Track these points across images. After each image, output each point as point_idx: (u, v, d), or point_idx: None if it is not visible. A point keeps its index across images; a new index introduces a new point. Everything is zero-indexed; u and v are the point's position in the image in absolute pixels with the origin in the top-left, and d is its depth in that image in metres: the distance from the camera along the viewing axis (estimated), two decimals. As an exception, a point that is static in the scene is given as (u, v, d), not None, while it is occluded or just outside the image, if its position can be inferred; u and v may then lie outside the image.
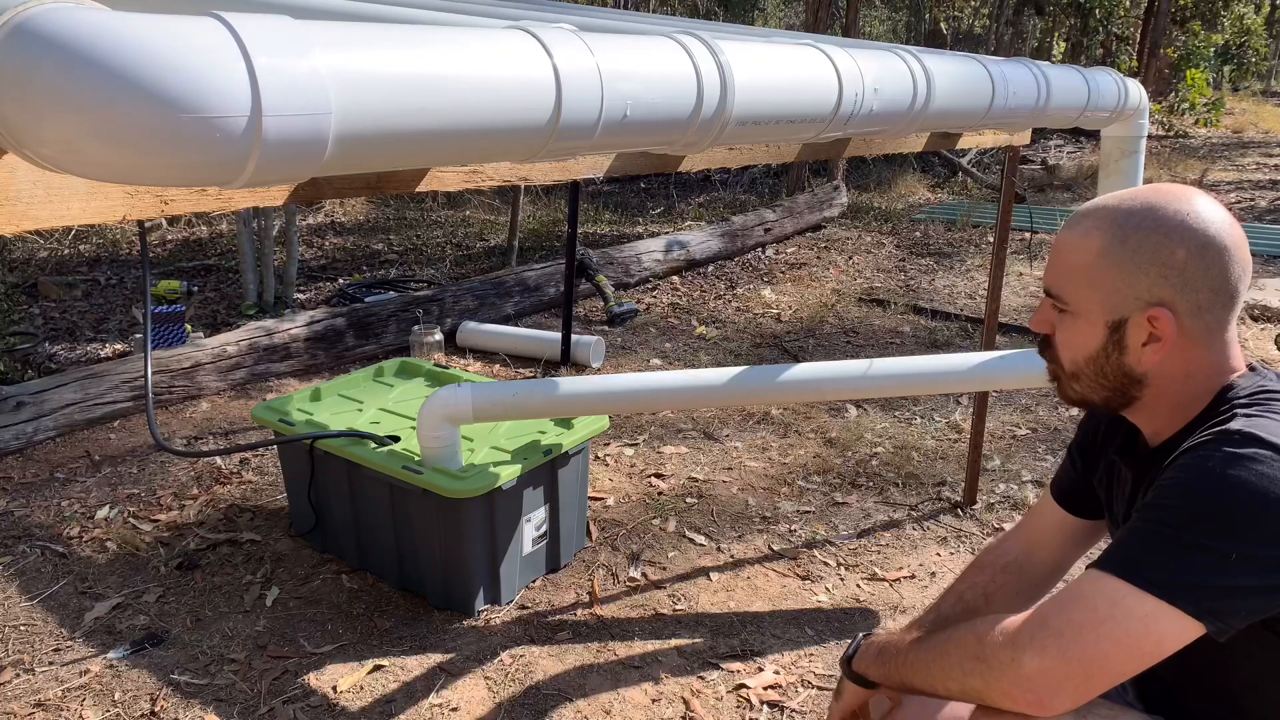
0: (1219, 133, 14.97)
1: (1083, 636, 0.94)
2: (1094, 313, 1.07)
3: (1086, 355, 1.09)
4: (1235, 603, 0.92)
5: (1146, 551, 0.95)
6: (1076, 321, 1.09)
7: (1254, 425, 0.96)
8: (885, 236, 7.57)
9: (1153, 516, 0.97)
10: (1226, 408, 1.03)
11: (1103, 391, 1.11)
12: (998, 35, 18.12)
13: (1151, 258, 1.02)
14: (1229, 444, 0.95)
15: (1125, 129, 2.66)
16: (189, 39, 0.77)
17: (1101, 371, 1.09)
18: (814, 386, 2.37)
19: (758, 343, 4.93)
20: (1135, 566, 0.95)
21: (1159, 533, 0.95)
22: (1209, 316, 1.03)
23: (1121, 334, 1.06)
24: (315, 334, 4.39)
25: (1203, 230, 1.02)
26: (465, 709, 2.13)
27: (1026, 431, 3.75)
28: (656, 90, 1.21)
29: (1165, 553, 0.94)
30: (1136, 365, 1.07)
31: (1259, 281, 5.89)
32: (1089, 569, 0.99)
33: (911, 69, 1.72)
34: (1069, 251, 1.08)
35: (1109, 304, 1.05)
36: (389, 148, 0.93)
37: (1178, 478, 0.98)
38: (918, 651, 1.12)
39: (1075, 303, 1.08)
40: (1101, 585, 0.96)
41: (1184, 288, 1.02)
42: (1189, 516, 0.94)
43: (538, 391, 2.38)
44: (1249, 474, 0.92)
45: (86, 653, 2.32)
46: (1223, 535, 0.92)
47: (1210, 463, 0.95)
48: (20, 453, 3.39)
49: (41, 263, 6.21)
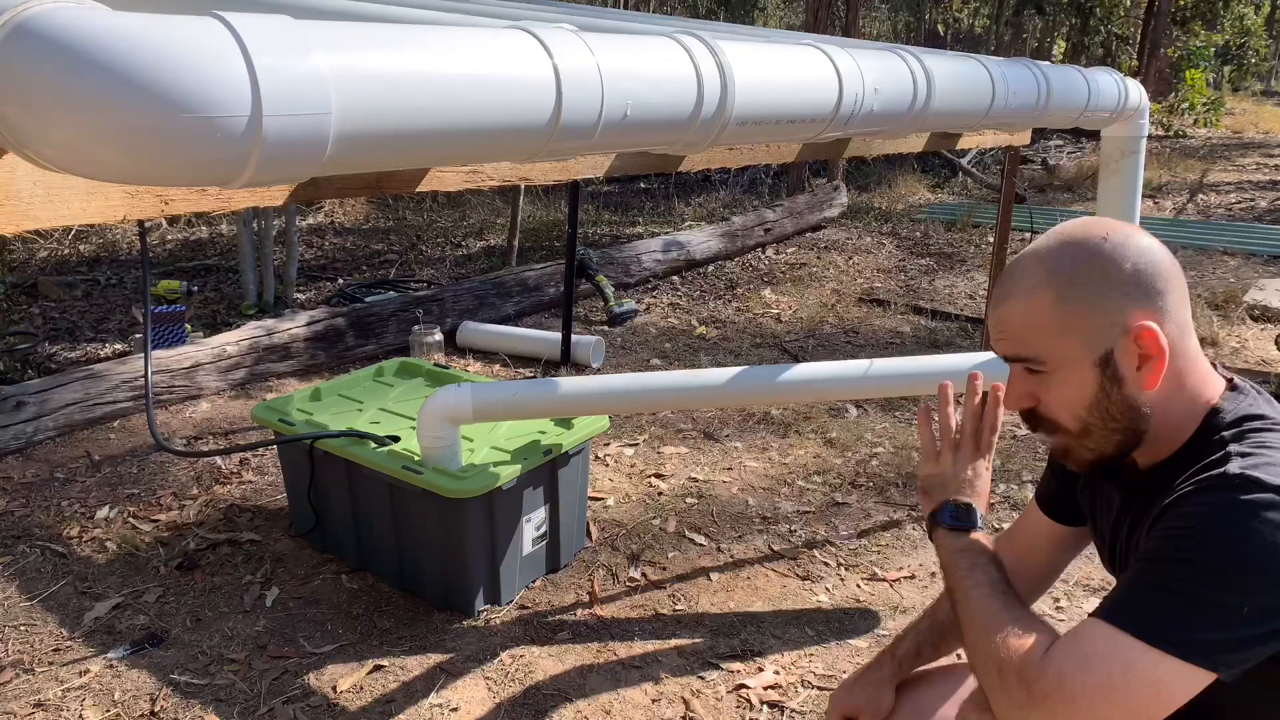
0: (1219, 133, 14.96)
1: (1094, 706, 0.93)
2: (1078, 357, 1.04)
3: (1087, 404, 1.05)
4: (1249, 652, 0.92)
5: (1163, 609, 0.94)
6: (1062, 375, 1.05)
7: (1253, 468, 0.95)
8: (885, 237, 7.57)
9: (1166, 571, 0.95)
10: (1217, 439, 1.02)
11: (1115, 437, 1.06)
12: (998, 35, 18.11)
13: (1104, 283, 1.02)
14: (1233, 490, 0.94)
15: (1125, 129, 2.66)
16: (189, 39, 0.77)
17: (1108, 414, 1.05)
18: (814, 386, 2.37)
19: (758, 343, 4.93)
20: (1150, 626, 0.93)
21: (1175, 590, 0.93)
22: (1180, 317, 1.03)
23: (1113, 367, 1.03)
24: (315, 334, 4.39)
25: (1128, 240, 1.03)
26: (465, 709, 2.13)
27: (1026, 431, 3.75)
28: (657, 90, 1.21)
29: (1182, 613, 0.93)
30: (1138, 392, 1.03)
31: (1259, 282, 5.89)
32: (1098, 619, 0.97)
33: (912, 69, 1.72)
34: (1022, 317, 1.06)
35: (1089, 342, 1.03)
36: (389, 148, 0.93)
37: (1186, 528, 0.96)
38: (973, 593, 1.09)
39: (1053, 358, 1.05)
40: (1117, 646, 0.94)
41: (1148, 295, 1.01)
42: (1204, 571, 0.92)
43: (538, 391, 2.38)
44: (1259, 523, 0.91)
45: (86, 653, 2.32)
46: (1239, 589, 0.91)
47: (1218, 512, 0.94)
48: (20, 453, 3.39)
49: (41, 263, 6.21)
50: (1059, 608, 2.55)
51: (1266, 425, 1.01)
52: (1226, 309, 5.36)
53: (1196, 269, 6.42)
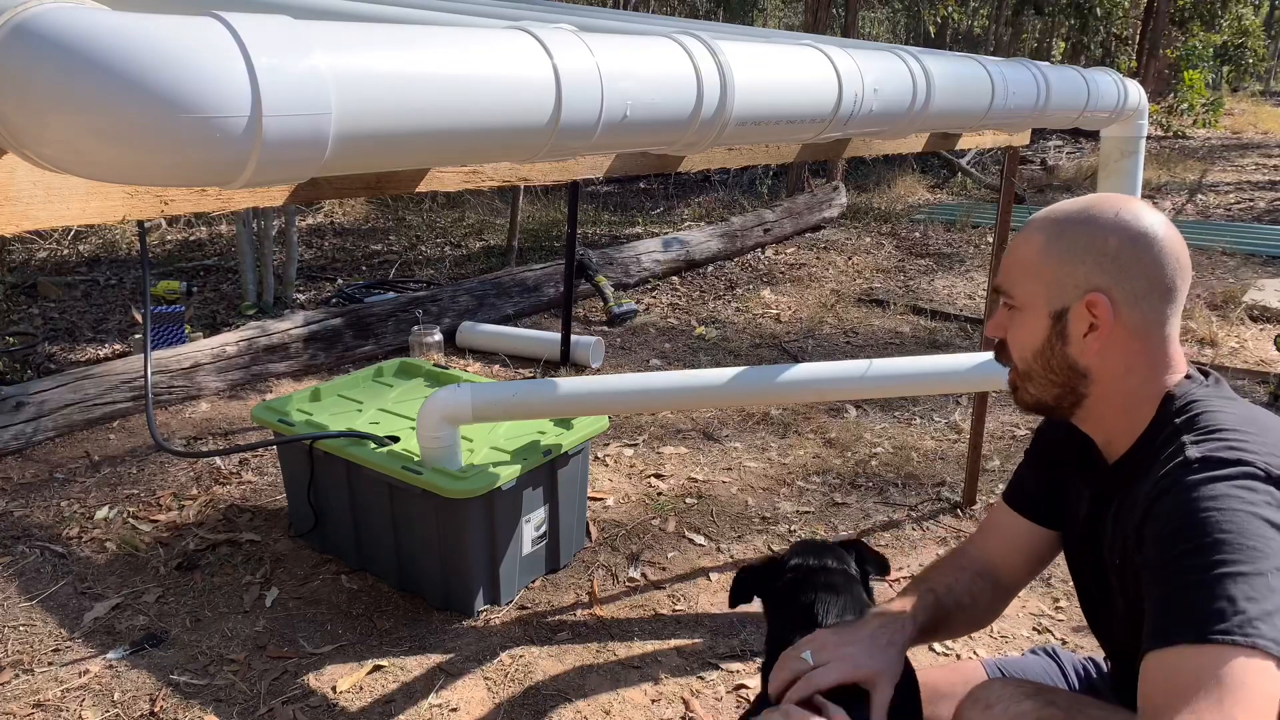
0: (1218, 133, 14.96)
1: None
2: (1038, 305, 1.12)
3: (1034, 350, 1.14)
4: None
5: (1203, 601, 0.91)
6: (1024, 315, 1.14)
7: (1209, 450, 1.00)
8: (884, 237, 7.57)
9: (1179, 569, 0.94)
10: (1170, 428, 1.06)
11: (1053, 389, 1.15)
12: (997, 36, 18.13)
13: (1086, 247, 1.09)
14: (1197, 473, 0.98)
15: (1125, 129, 2.66)
16: (189, 39, 0.77)
17: (1049, 365, 1.13)
18: (814, 386, 2.37)
19: (757, 343, 4.93)
20: (1206, 621, 0.90)
21: (1199, 581, 0.92)
22: (1145, 306, 1.08)
23: (1064, 324, 1.11)
24: (314, 334, 4.39)
25: (1135, 223, 1.08)
26: (465, 709, 2.13)
27: (1026, 432, 3.75)
28: (656, 91, 1.21)
29: (1221, 594, 0.90)
30: (1080, 356, 1.11)
31: (1259, 282, 5.89)
32: (1155, 651, 0.93)
33: (911, 69, 1.72)
34: (1016, 251, 1.16)
35: (1050, 294, 1.11)
36: (389, 148, 0.93)
37: (1175, 527, 0.96)
38: None
39: (1020, 297, 1.14)
40: (1191, 661, 0.89)
41: (1119, 275, 1.07)
42: (1211, 549, 0.92)
43: (537, 391, 2.38)
44: (1235, 499, 0.94)
45: (86, 653, 2.32)
46: (1251, 558, 0.90)
47: (1194, 498, 0.96)
48: (20, 453, 3.39)
49: (41, 263, 6.21)
50: (1059, 607, 2.55)
51: (1204, 407, 1.06)
52: (1225, 309, 5.36)
53: (1195, 269, 6.37)
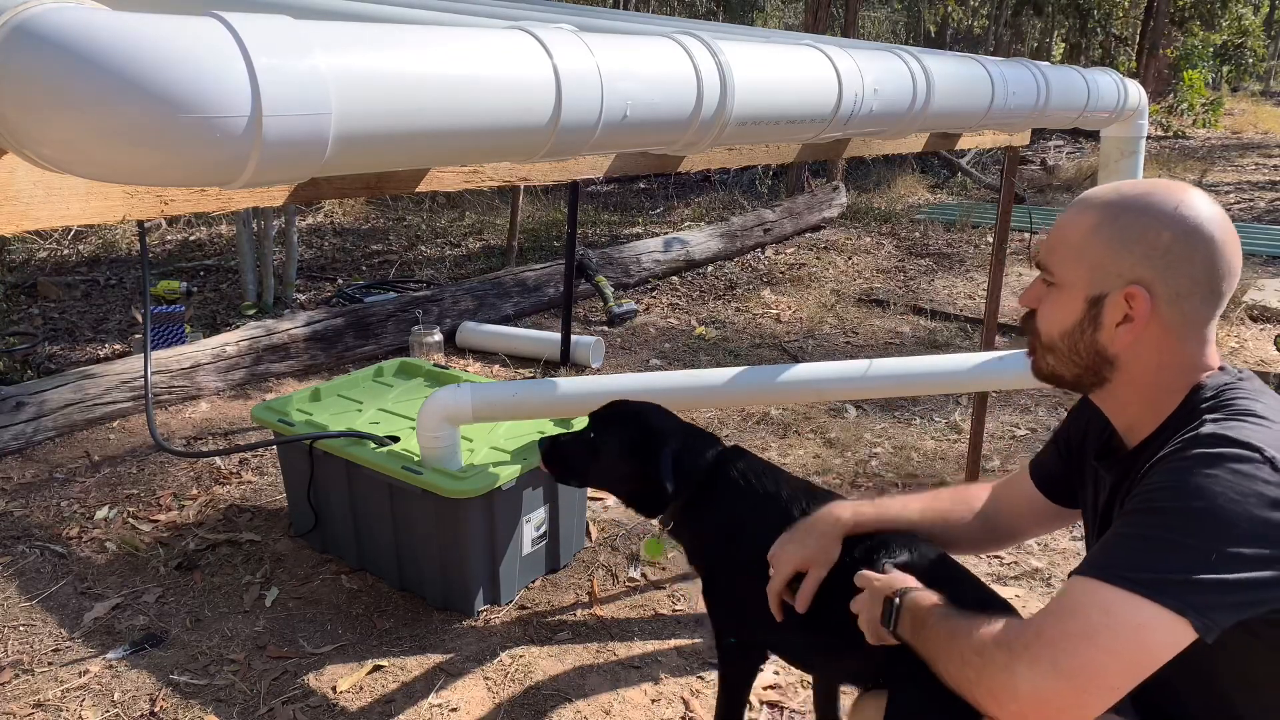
0: (1218, 133, 14.97)
1: (1077, 649, 0.95)
2: (1077, 286, 1.10)
3: (1063, 329, 1.12)
4: (1218, 598, 0.93)
5: (1131, 554, 0.97)
6: (1060, 294, 1.12)
7: (1222, 428, 1.00)
8: (884, 237, 7.57)
9: (1135, 520, 1.00)
10: (1196, 413, 1.06)
11: (1074, 368, 1.14)
12: (997, 36, 18.14)
13: (1138, 237, 1.05)
14: (1199, 446, 0.99)
15: (1124, 129, 2.66)
16: (189, 39, 0.77)
17: (1074, 347, 1.12)
18: (814, 386, 2.37)
19: (757, 343, 4.93)
20: (1120, 569, 0.96)
21: (1142, 534, 0.98)
22: (1186, 306, 1.06)
23: (1099, 310, 1.09)
24: (314, 334, 4.39)
25: (1193, 219, 1.05)
26: (465, 709, 2.13)
27: (1026, 432, 3.76)
28: (656, 90, 1.21)
29: (1149, 552, 0.96)
30: (1109, 344, 1.09)
31: (1258, 282, 5.89)
32: (1076, 576, 1.01)
33: (911, 69, 1.72)
34: (1064, 227, 1.13)
35: (1092, 278, 1.09)
36: (389, 148, 0.93)
37: (1155, 483, 1.00)
38: (936, 627, 1.13)
39: (1062, 275, 1.12)
40: (1092, 594, 0.97)
41: (1165, 271, 1.05)
42: (1172, 517, 0.96)
43: (537, 391, 2.38)
44: (1227, 475, 0.95)
45: (86, 653, 2.32)
46: (1206, 535, 0.94)
47: (1184, 466, 0.98)
48: (20, 453, 3.39)
49: (41, 263, 6.21)
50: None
51: (1241, 393, 1.06)
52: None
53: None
